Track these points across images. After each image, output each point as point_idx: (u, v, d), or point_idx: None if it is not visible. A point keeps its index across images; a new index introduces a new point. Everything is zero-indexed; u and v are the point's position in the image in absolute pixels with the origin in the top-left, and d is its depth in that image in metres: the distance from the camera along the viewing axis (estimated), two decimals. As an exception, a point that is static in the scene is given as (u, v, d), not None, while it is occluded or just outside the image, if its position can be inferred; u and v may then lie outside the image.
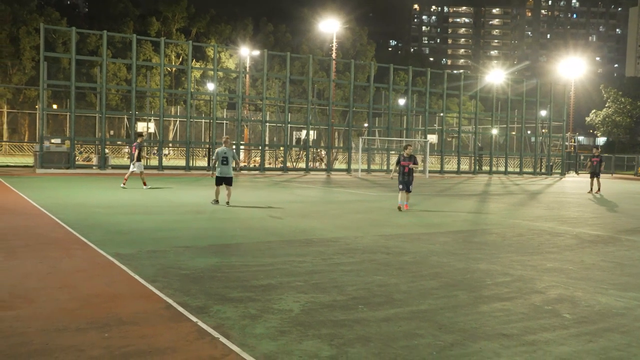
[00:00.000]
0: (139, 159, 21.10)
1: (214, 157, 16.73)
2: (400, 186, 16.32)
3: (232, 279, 7.34)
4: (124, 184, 21.28)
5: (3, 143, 55.72)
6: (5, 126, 63.85)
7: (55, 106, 60.60)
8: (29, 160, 38.09)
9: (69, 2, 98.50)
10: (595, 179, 26.95)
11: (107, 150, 35.77)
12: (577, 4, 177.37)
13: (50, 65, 40.28)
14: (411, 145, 17.24)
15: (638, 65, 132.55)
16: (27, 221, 12.11)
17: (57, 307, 5.96)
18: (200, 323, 5.52)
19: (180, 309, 5.98)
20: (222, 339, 5.09)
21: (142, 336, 5.12)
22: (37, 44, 59.75)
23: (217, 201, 16.32)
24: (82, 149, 42.58)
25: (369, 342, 5.13)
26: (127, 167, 34.22)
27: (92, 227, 11.27)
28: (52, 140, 33.69)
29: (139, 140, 21.70)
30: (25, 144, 54.70)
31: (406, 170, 16.22)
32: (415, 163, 16.39)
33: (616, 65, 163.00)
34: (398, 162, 16.47)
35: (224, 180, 16.28)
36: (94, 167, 34.45)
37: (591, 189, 26.93)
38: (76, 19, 74.07)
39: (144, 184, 21.47)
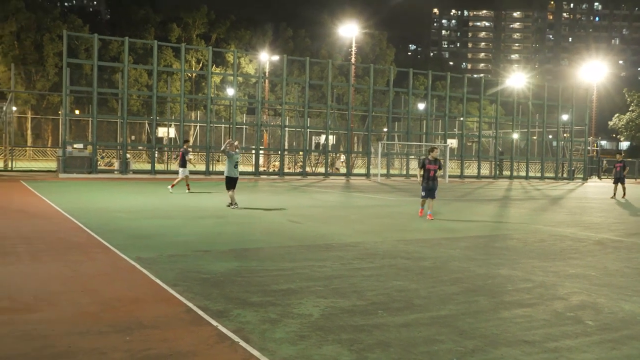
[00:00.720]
0: (184, 165, 22.04)
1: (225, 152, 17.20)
2: (424, 193, 15.38)
3: (252, 284, 7.36)
4: (172, 186, 22.04)
5: (27, 148, 56.45)
6: (29, 132, 64.66)
7: (77, 112, 61.21)
8: (52, 165, 38.53)
9: (91, 10, 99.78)
10: (619, 185, 26.71)
11: (128, 155, 36.09)
12: (600, 7, 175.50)
13: (73, 71, 40.79)
14: (437, 148, 16.81)
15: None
16: (50, 225, 12.26)
17: (79, 310, 6.02)
18: (220, 327, 5.55)
19: (201, 312, 6.02)
20: (242, 343, 5.11)
21: (163, 340, 5.15)
22: (60, 51, 60.51)
23: (236, 204, 16.46)
24: (104, 154, 43.01)
25: (388, 348, 5.12)
26: (149, 172, 34.76)
27: (113, 232, 11.38)
28: (75, 145, 34.05)
29: (185, 146, 22.92)
30: (48, 149, 55.36)
31: (432, 174, 15.25)
32: (440, 167, 15.57)
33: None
34: (423, 166, 15.40)
35: (234, 182, 16.64)
36: (116, 172, 34.78)
37: (614, 194, 26.66)
38: (98, 25, 74.92)
39: (188, 188, 22.29)
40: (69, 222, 12.68)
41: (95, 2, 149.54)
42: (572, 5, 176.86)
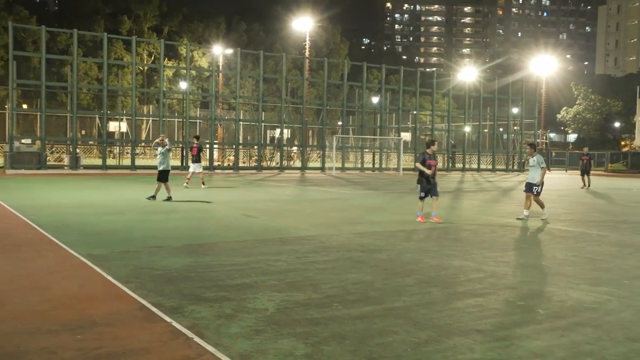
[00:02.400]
0: (198, 160, 22.04)
1: (163, 152, 17.28)
2: (422, 194, 13.56)
3: (206, 279, 7.30)
4: (186, 183, 22.09)
5: (-29, 143, 54.64)
6: (-27, 126, 62.61)
7: (25, 106, 59.59)
8: (-1, 160, 37.42)
9: (38, 1, 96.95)
10: (585, 176, 29.06)
11: (78, 150, 35.35)
12: (548, 3, 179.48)
13: (20, 64, 39.60)
14: (437, 140, 16.21)
15: (607, 62, 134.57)
16: (-4, 223, 11.91)
17: (28, 309, 5.87)
18: (174, 323, 5.48)
19: (154, 309, 5.94)
20: (197, 339, 5.06)
21: (116, 337, 5.07)
22: (5, 43, 58.61)
23: (170, 197, 16.88)
24: (53, 149, 41.98)
25: (344, 340, 5.14)
26: (100, 167, 34.11)
27: (63, 228, 11.12)
28: (23, 141, 33.27)
29: (197, 142, 22.91)
30: (-6, 144, 53.71)
31: (433, 170, 13.55)
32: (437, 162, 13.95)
33: (586, 63, 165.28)
34: (423, 162, 13.55)
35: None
36: (66, 168, 34.02)
37: (584, 184, 28.64)
38: (46, 17, 72.86)
39: (203, 183, 22.24)
40: (17, 219, 12.35)
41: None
42: (521, 1, 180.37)
